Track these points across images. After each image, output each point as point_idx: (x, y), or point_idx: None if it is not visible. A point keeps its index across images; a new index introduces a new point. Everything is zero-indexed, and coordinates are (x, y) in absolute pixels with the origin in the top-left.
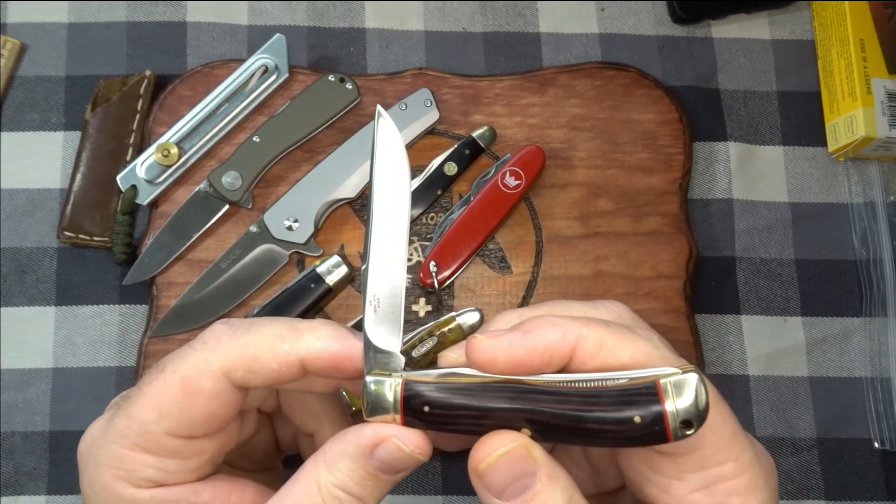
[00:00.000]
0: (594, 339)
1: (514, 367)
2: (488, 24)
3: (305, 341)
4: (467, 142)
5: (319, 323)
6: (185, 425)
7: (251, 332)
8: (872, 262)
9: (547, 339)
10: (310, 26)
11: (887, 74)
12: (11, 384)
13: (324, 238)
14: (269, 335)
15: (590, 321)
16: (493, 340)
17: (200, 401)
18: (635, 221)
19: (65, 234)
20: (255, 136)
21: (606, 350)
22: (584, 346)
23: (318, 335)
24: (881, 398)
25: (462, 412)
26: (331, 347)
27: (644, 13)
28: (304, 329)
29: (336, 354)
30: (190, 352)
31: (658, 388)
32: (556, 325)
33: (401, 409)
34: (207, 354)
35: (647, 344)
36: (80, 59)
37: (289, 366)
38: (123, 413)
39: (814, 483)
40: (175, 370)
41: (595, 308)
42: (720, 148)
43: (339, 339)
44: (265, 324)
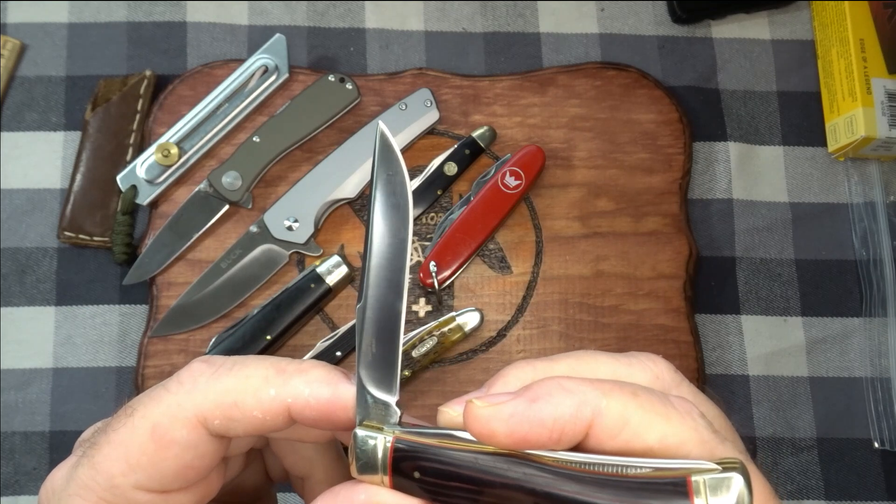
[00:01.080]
0: (616, 415)
1: (515, 442)
2: (488, 24)
3: (293, 386)
4: (467, 142)
5: (310, 364)
6: (156, 479)
7: (232, 374)
8: (872, 262)
9: (557, 412)
10: (310, 26)
11: (887, 74)
12: (11, 384)
13: (324, 238)
14: (253, 377)
15: (613, 388)
16: (493, 409)
17: (173, 452)
18: (635, 221)
19: (65, 234)
20: (255, 136)
21: (630, 429)
22: (602, 423)
23: (308, 379)
24: (881, 398)
25: (456, 484)
26: (321, 395)
27: (644, 13)
28: (293, 371)
29: (327, 403)
30: (163, 393)
31: (689, 487)
32: (569, 392)
33: (389, 470)
34: (182, 398)
35: (684, 423)
36: (80, 59)
37: (274, 415)
38: (88, 462)
39: (814, 483)
40: (145, 415)
41: (628, 366)
42: (720, 148)
43: (332, 383)
44: (249, 364)
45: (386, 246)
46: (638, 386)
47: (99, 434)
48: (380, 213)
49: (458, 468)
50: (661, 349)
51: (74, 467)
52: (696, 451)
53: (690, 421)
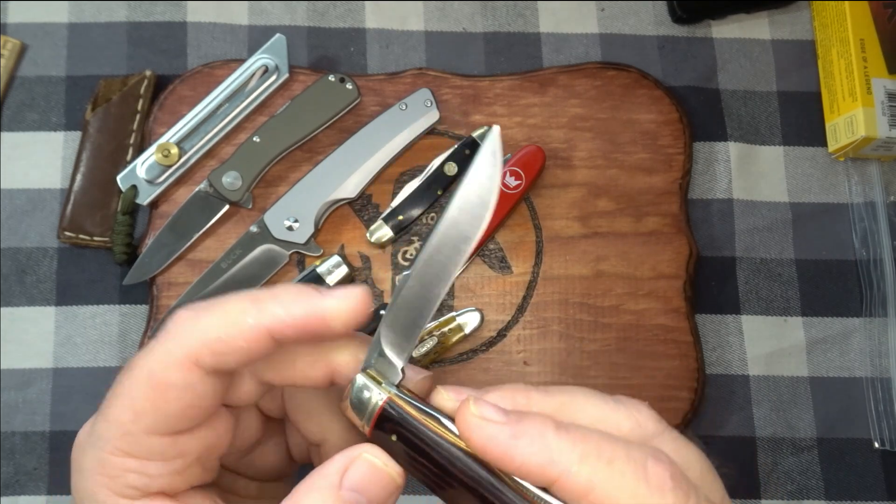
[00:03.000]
0: (584, 480)
1: (483, 455)
2: (488, 25)
3: (268, 311)
4: (467, 142)
5: (282, 288)
6: (162, 422)
7: (212, 313)
8: (872, 262)
9: (528, 459)
10: (310, 26)
11: (887, 74)
12: (11, 384)
13: (324, 238)
14: (231, 312)
15: (590, 454)
16: (480, 422)
17: (172, 394)
18: (635, 221)
19: (65, 234)
20: (256, 136)
21: (594, 496)
22: (567, 485)
23: (281, 301)
24: (881, 398)
25: (424, 461)
26: (296, 312)
27: (644, 13)
28: (266, 298)
29: (303, 318)
30: (154, 344)
31: None
32: (547, 447)
33: (372, 423)
34: (170, 344)
35: (652, 498)
36: (80, 59)
37: (257, 340)
38: (102, 417)
39: (814, 483)
40: (141, 366)
41: (614, 411)
42: (720, 148)
43: (303, 300)
44: (227, 301)
45: (451, 235)
46: (618, 450)
47: (109, 392)
48: (458, 205)
49: (431, 449)
50: (661, 349)
51: (93, 424)
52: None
53: (659, 497)
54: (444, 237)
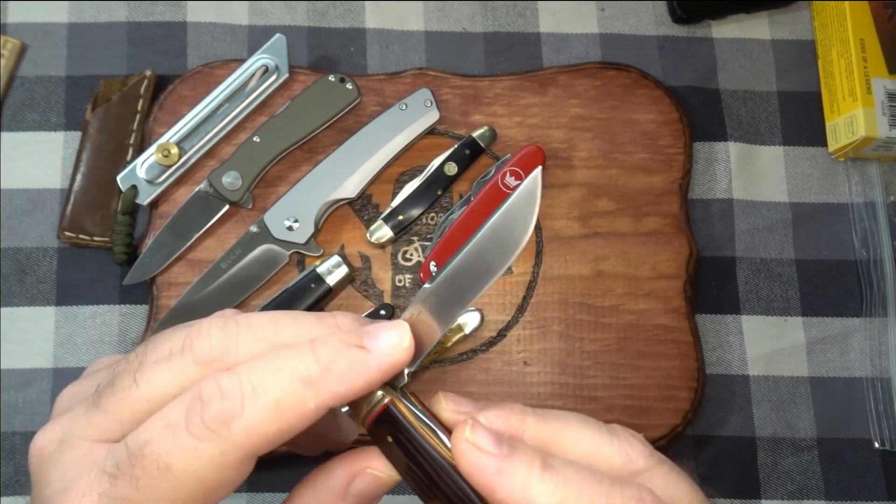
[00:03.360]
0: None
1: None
2: (488, 25)
3: (327, 391)
4: (467, 142)
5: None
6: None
7: (262, 404)
8: (873, 262)
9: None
10: (310, 26)
11: (887, 74)
12: (11, 384)
13: (324, 238)
14: (287, 401)
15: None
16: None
17: (223, 488)
18: (635, 221)
19: (65, 234)
20: (256, 136)
21: None
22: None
23: (338, 379)
24: (881, 398)
25: (415, 469)
26: (355, 383)
27: (644, 13)
28: (320, 376)
29: (363, 387)
30: (195, 443)
31: None
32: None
33: (370, 420)
34: (223, 446)
35: None
36: (80, 59)
37: (318, 414)
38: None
39: (814, 483)
40: (186, 470)
41: (608, 444)
42: (720, 148)
43: (361, 371)
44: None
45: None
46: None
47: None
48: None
49: (424, 459)
50: (661, 349)
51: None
52: None
53: None
54: (468, 264)
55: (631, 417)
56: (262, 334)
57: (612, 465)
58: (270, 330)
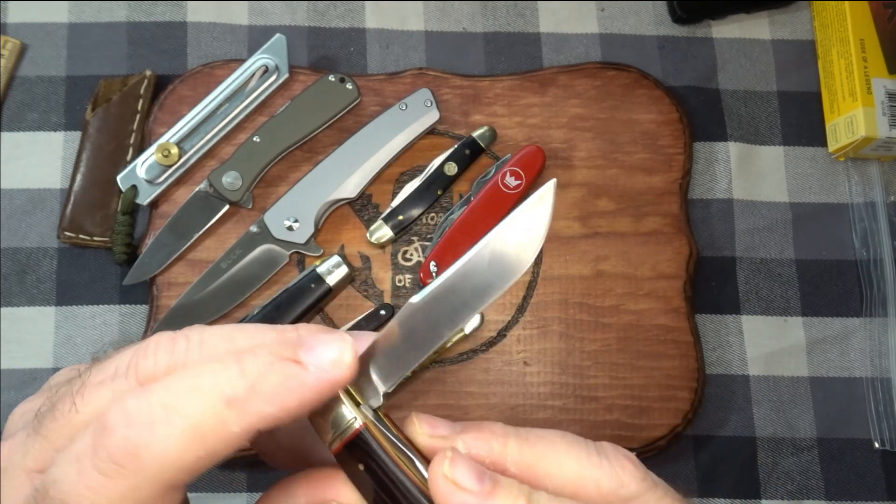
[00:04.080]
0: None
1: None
2: (488, 24)
3: (253, 412)
4: (467, 142)
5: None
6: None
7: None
8: (872, 262)
9: None
10: (310, 26)
11: (887, 74)
12: (11, 384)
13: (324, 238)
14: (207, 425)
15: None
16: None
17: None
18: (635, 221)
19: (65, 234)
20: (256, 136)
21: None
22: None
23: (266, 398)
24: (881, 398)
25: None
26: (286, 402)
27: (644, 13)
28: (245, 395)
29: (295, 406)
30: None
31: None
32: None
33: (341, 445)
34: (132, 481)
35: None
36: (80, 59)
37: (245, 440)
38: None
39: (814, 483)
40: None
41: (597, 467)
42: (720, 148)
43: (294, 388)
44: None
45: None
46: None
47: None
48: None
49: (397, 490)
50: (661, 349)
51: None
52: None
53: None
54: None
55: (631, 417)
56: (214, 350)
57: (601, 491)
58: (223, 345)
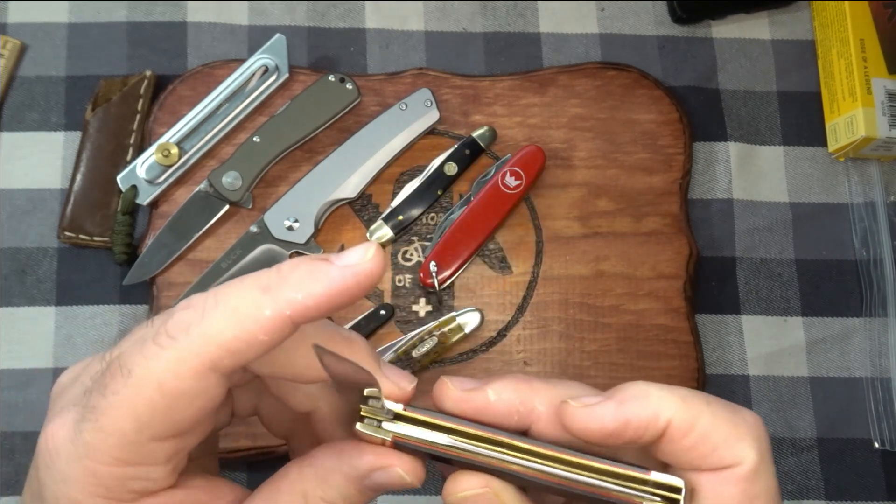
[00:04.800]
0: (689, 419)
1: (604, 438)
2: (488, 25)
3: (285, 298)
4: (467, 142)
5: (290, 267)
6: (170, 428)
7: (220, 311)
8: (873, 262)
9: (639, 420)
10: (310, 26)
11: (887, 74)
12: (11, 384)
13: (324, 238)
14: (244, 307)
15: (685, 395)
16: (588, 410)
17: (185, 402)
18: (635, 221)
19: (65, 234)
20: (256, 136)
21: (696, 434)
22: (674, 431)
23: (295, 285)
24: (881, 398)
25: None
26: (314, 291)
27: (644, 13)
28: (278, 284)
29: (324, 296)
30: (156, 350)
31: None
32: (647, 403)
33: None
34: (181, 352)
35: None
36: (80, 59)
37: (279, 331)
38: (93, 427)
39: (814, 483)
40: (145, 374)
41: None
42: (720, 148)
43: (318, 277)
44: (232, 293)
45: None
46: (710, 396)
47: (95, 396)
48: None
49: (448, 458)
50: (661, 349)
51: (78, 432)
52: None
53: (746, 430)
54: None
55: None
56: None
57: None
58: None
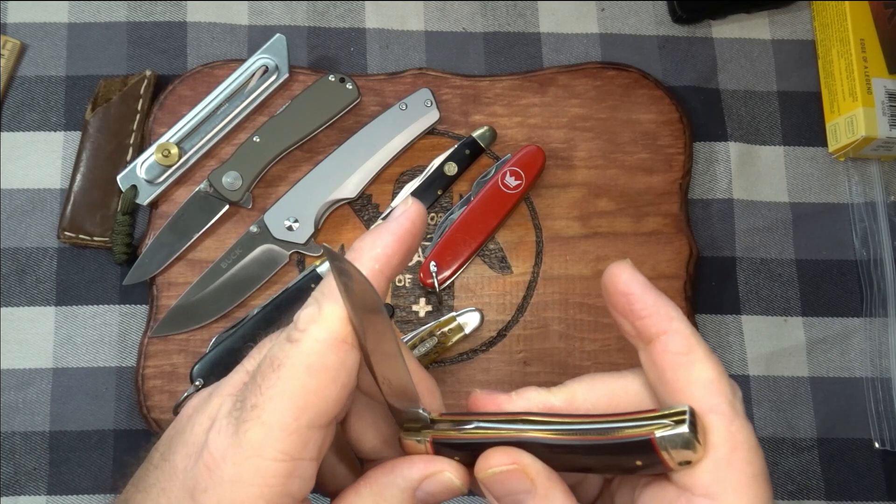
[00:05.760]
0: (688, 334)
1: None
2: (488, 24)
3: (368, 257)
4: (467, 142)
5: (358, 240)
6: (323, 411)
7: (330, 297)
8: (873, 262)
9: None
10: (310, 26)
11: (888, 74)
12: (11, 384)
13: (324, 238)
14: (362, 265)
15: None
16: (630, 271)
17: (331, 377)
18: (636, 221)
19: (65, 234)
20: (256, 136)
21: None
22: (676, 337)
23: (369, 246)
24: (881, 398)
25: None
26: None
27: (644, 13)
28: (358, 253)
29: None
30: (294, 343)
31: (654, 445)
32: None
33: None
34: (316, 333)
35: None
36: (80, 59)
37: (379, 286)
38: (256, 424)
39: (814, 483)
40: (294, 363)
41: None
42: (720, 148)
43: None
44: (332, 283)
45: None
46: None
47: (252, 398)
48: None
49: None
50: None
51: (243, 433)
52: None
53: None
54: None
55: None
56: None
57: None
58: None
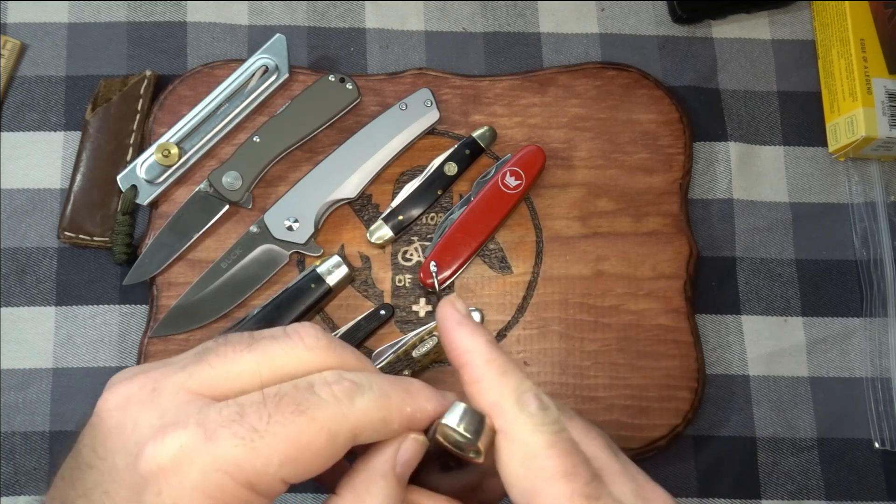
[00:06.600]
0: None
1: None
2: (488, 24)
3: (419, 403)
4: (467, 142)
5: (419, 385)
6: (301, 473)
7: (376, 393)
8: (873, 263)
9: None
10: (310, 26)
11: (888, 74)
12: (11, 384)
13: (324, 238)
14: (393, 397)
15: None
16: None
17: (329, 452)
18: (636, 221)
19: (65, 234)
20: (256, 136)
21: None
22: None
23: (426, 396)
24: (881, 398)
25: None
26: (434, 409)
27: (644, 13)
28: (416, 390)
29: (435, 411)
30: (321, 401)
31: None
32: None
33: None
34: (346, 411)
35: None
36: (80, 59)
37: (406, 426)
38: (245, 445)
39: (814, 483)
40: (319, 420)
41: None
42: (720, 148)
43: (438, 398)
44: (384, 383)
45: None
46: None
47: (253, 419)
48: None
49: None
50: (661, 349)
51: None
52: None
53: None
54: None
55: (631, 417)
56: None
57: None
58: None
